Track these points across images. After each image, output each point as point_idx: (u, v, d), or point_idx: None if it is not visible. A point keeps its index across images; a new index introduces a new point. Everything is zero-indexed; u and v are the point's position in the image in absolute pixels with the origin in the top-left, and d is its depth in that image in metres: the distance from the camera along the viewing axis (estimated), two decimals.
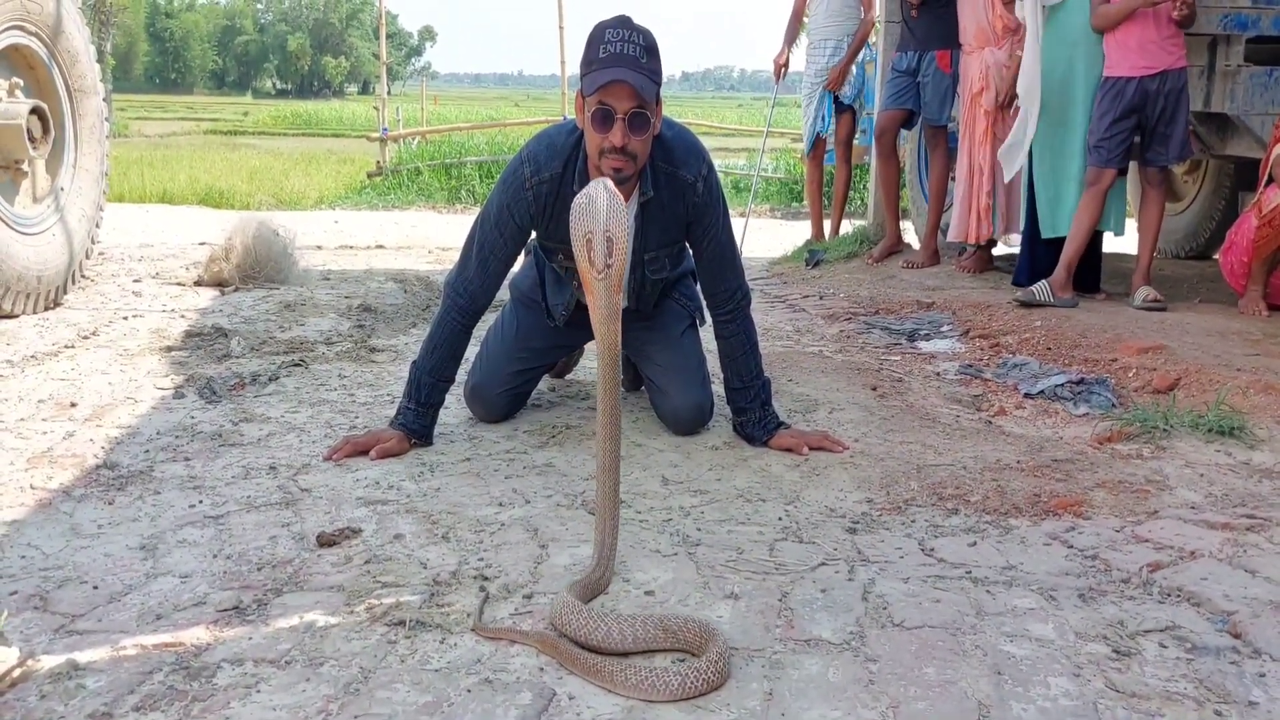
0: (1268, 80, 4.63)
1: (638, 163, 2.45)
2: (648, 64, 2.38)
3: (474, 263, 2.65)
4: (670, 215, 2.61)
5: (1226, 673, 1.60)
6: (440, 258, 6.39)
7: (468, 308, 2.66)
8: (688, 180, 2.57)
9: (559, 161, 2.53)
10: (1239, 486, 2.47)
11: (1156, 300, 4.38)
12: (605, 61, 2.36)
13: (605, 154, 2.40)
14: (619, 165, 2.41)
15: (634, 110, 2.37)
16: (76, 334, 3.75)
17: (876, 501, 2.35)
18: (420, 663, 1.60)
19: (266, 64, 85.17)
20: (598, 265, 1.91)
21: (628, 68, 2.34)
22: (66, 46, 4.36)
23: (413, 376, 2.66)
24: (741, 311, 2.74)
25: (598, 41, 2.39)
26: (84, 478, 2.37)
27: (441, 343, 2.66)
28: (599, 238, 1.90)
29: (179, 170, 12.44)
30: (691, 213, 2.61)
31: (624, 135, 2.38)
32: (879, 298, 4.82)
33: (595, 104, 2.37)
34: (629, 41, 2.37)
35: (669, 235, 2.66)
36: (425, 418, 2.67)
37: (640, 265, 2.70)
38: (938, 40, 5.28)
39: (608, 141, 2.38)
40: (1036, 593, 1.88)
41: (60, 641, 1.64)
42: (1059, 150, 4.57)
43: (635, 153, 2.42)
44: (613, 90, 2.35)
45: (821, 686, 1.55)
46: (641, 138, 2.41)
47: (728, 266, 2.71)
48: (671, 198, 2.58)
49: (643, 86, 2.35)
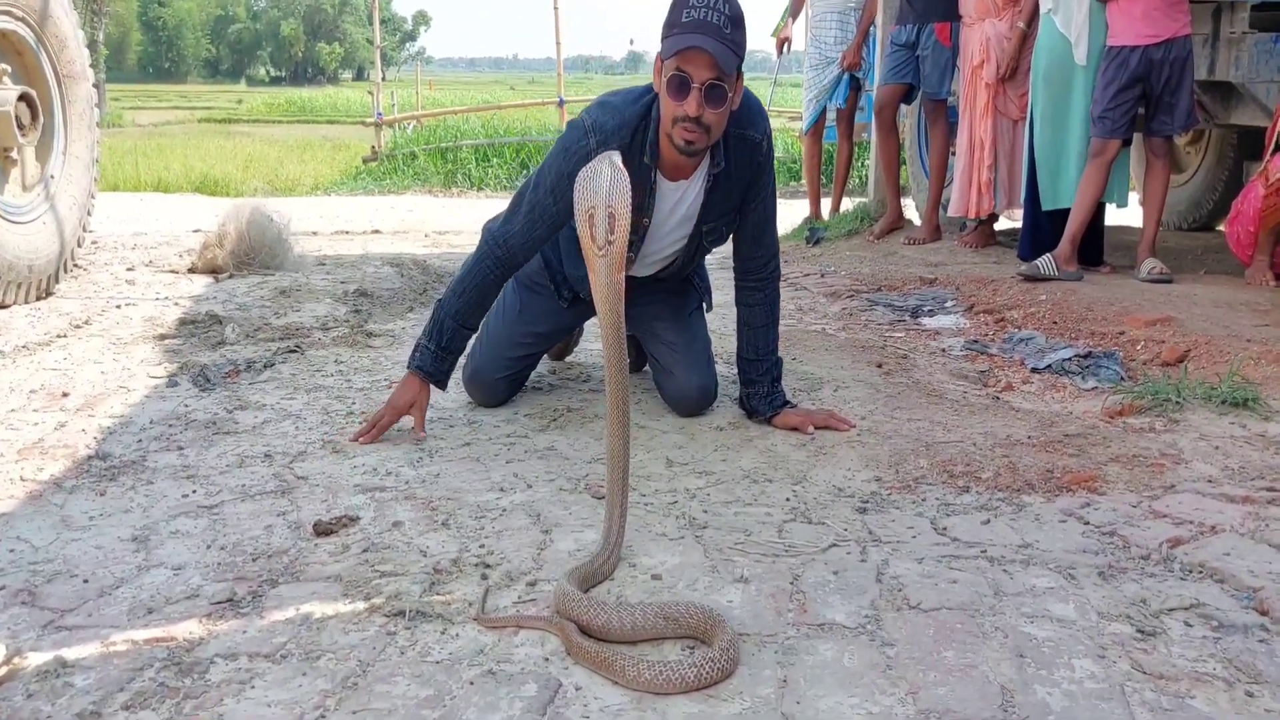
0: (1273, 47, 4.55)
1: (711, 136, 2.35)
2: (731, 35, 2.27)
3: (521, 219, 2.52)
4: (736, 182, 2.53)
5: (1256, 651, 1.55)
6: (437, 241, 6.32)
7: (504, 259, 2.55)
8: (755, 139, 2.50)
9: (627, 131, 2.41)
10: (1256, 459, 2.41)
11: (1163, 272, 4.32)
12: (688, 26, 2.25)
13: (679, 123, 2.31)
14: (691, 137, 2.32)
15: (711, 81, 2.26)
16: (69, 323, 3.69)
17: (886, 480, 2.29)
18: (421, 654, 1.55)
19: (260, 51, 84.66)
20: (599, 241, 1.85)
21: (710, 35, 2.23)
22: (54, 31, 4.27)
23: (435, 316, 2.58)
24: (771, 282, 2.68)
25: (682, 5, 2.28)
26: (75, 468, 2.31)
27: (471, 287, 2.56)
28: (600, 213, 1.84)
29: (173, 159, 12.35)
30: (753, 172, 2.54)
31: (699, 105, 2.28)
32: (881, 274, 4.76)
33: (673, 69, 2.28)
34: (714, 9, 2.25)
35: (730, 203, 2.57)
36: (444, 362, 2.58)
37: (699, 235, 2.63)
38: (937, 13, 5.20)
39: (682, 110, 2.29)
40: (1055, 571, 1.82)
41: (49, 638, 1.59)
42: (1060, 122, 4.50)
43: (709, 125, 2.32)
44: (691, 57, 2.25)
45: (837, 672, 1.50)
46: (717, 111, 2.31)
47: (769, 232, 2.65)
48: (740, 163, 2.50)
49: (724, 57, 2.24)
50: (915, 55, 5.34)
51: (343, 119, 24.96)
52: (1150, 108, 4.32)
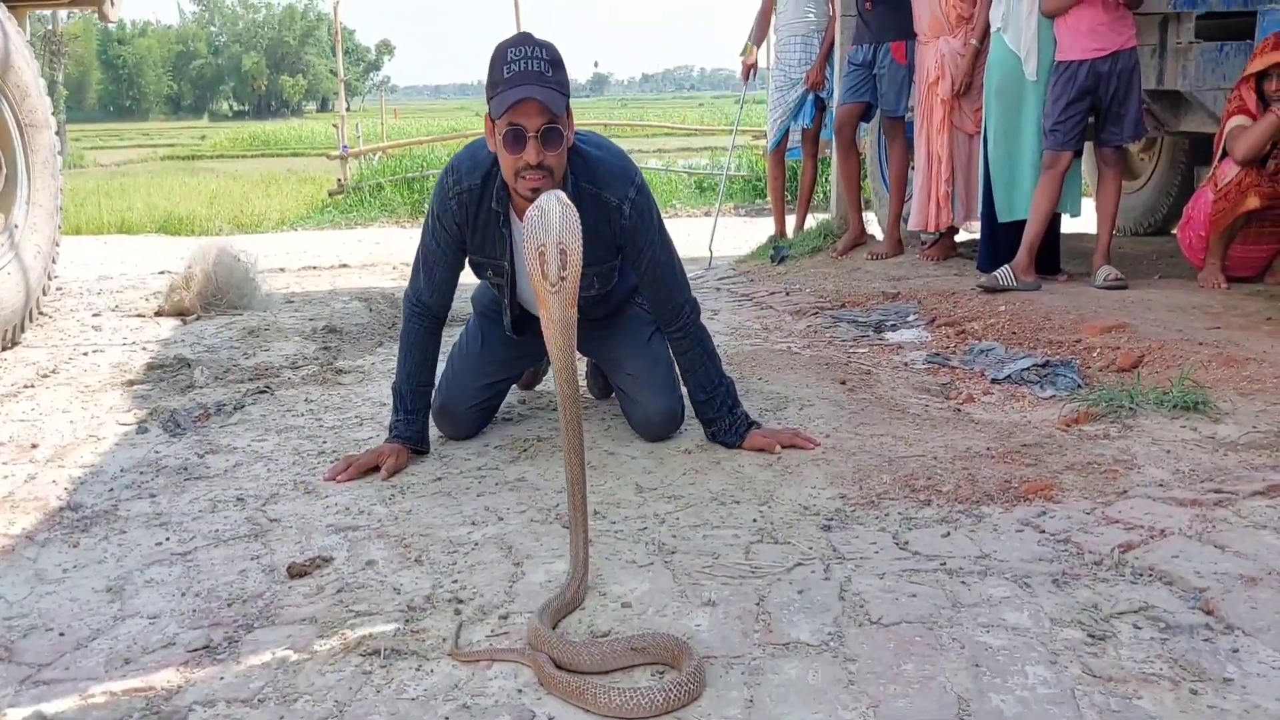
0: (1218, 56, 4.68)
1: (555, 177, 2.41)
2: (554, 77, 2.35)
3: (421, 273, 2.71)
4: (596, 235, 2.54)
5: (1201, 650, 1.61)
6: (405, 274, 6.31)
7: (423, 312, 2.71)
8: (612, 203, 2.54)
9: (479, 174, 2.53)
10: (1205, 461, 2.49)
11: (1117, 279, 4.42)
12: (511, 81, 2.32)
13: (521, 173, 2.38)
14: (536, 183, 2.37)
15: (545, 126, 2.33)
16: (36, 373, 3.70)
17: (850, 497, 2.35)
18: (396, 692, 1.58)
19: (222, 86, 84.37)
20: (551, 278, 1.90)
21: (534, 83, 2.31)
22: (15, 81, 4.29)
23: (395, 392, 2.72)
24: (692, 324, 2.72)
25: (500, 62, 2.35)
26: (47, 521, 2.33)
27: (411, 350, 2.71)
28: (552, 250, 1.89)
29: (136, 198, 12.29)
30: (620, 236, 2.58)
31: (538, 152, 2.34)
32: (845, 290, 4.83)
33: (505, 125, 2.34)
34: (531, 58, 2.33)
35: (595, 255, 2.58)
36: (416, 423, 2.71)
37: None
38: (892, 32, 5.30)
39: (522, 160, 2.36)
40: (1011, 581, 1.88)
41: (27, 693, 1.61)
42: (1013, 135, 4.61)
43: (551, 167, 2.39)
44: (522, 109, 2.32)
45: (801, 690, 1.55)
46: (556, 152, 2.38)
47: (670, 283, 2.68)
48: (597, 219, 2.52)
49: (551, 101, 2.32)
50: (872, 74, 5.44)
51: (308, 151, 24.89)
52: (1100, 119, 4.43)
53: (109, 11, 5.47)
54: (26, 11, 5.28)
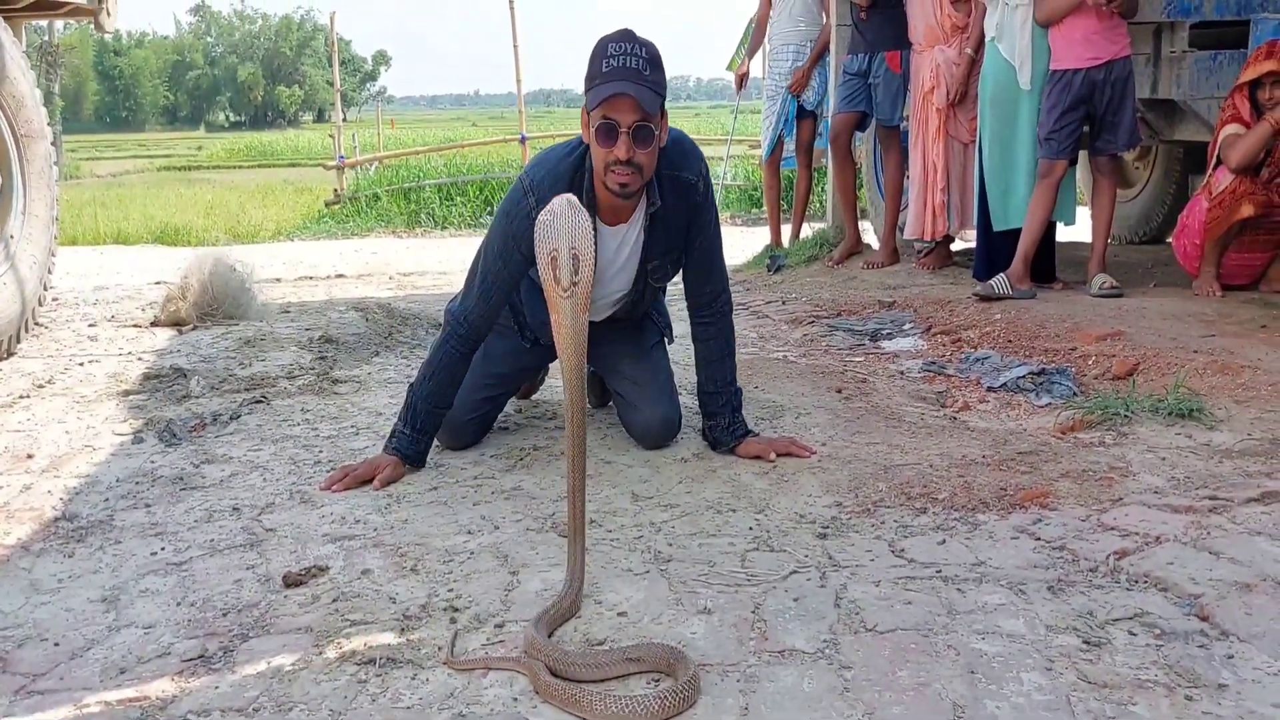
0: (1212, 65, 4.71)
1: (644, 175, 2.44)
2: (651, 76, 2.37)
3: (476, 293, 2.63)
4: (675, 221, 2.61)
5: (1196, 657, 1.61)
6: (402, 284, 6.35)
7: (468, 336, 2.65)
8: (690, 180, 2.58)
9: (562, 185, 2.49)
10: (1200, 468, 2.49)
11: (1113, 287, 4.43)
12: (608, 75, 2.35)
13: (611, 168, 2.40)
14: (625, 180, 2.40)
15: (638, 123, 2.36)
16: (31, 383, 3.69)
17: (845, 505, 2.35)
18: (392, 701, 1.58)
19: (219, 97, 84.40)
20: (563, 283, 1.90)
21: (630, 81, 2.33)
22: (11, 92, 4.29)
23: (409, 401, 2.67)
24: (724, 316, 2.75)
25: (600, 56, 2.38)
26: (42, 531, 2.32)
27: (440, 370, 2.65)
28: (564, 254, 1.90)
29: (133, 209, 12.28)
30: (692, 213, 2.61)
31: (629, 149, 2.37)
32: (841, 299, 4.84)
33: (599, 118, 2.37)
34: (631, 54, 2.36)
35: (673, 241, 2.65)
36: (420, 444, 2.68)
37: (644, 274, 2.70)
38: (887, 41, 5.32)
39: (613, 155, 2.38)
40: (1006, 588, 1.88)
41: (21, 703, 1.61)
42: (1008, 143, 4.62)
43: (641, 165, 2.41)
44: (616, 104, 2.34)
45: (797, 697, 1.55)
46: (647, 150, 2.40)
47: (715, 268, 2.72)
48: (676, 202, 2.58)
49: (646, 99, 2.34)
50: (868, 83, 5.46)
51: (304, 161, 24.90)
52: (1094, 128, 4.45)
53: (105, 22, 5.48)
54: (22, 22, 5.28)
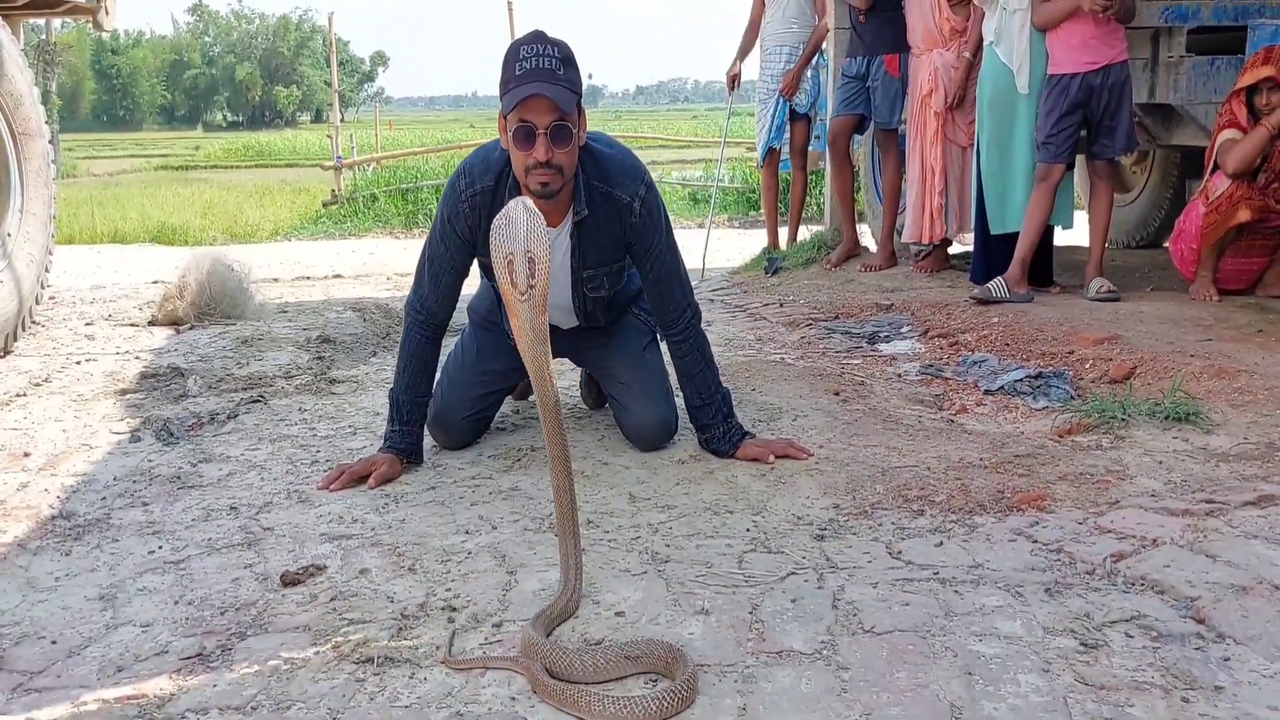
0: (1209, 70, 4.72)
1: (565, 175, 2.44)
2: (565, 75, 2.37)
3: (426, 279, 2.67)
4: (607, 235, 2.60)
5: (1192, 659, 1.62)
6: (399, 284, 6.35)
7: (427, 322, 2.68)
8: (623, 201, 2.56)
9: (491, 176, 2.53)
10: (1197, 472, 2.50)
11: (1110, 291, 4.44)
12: (522, 78, 2.35)
13: (531, 170, 2.40)
14: (546, 179, 2.40)
15: (555, 123, 2.36)
16: (28, 381, 3.69)
17: (843, 507, 2.35)
18: (390, 700, 1.58)
19: (217, 97, 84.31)
20: (520, 286, 1.90)
21: (544, 81, 2.34)
22: (9, 90, 4.29)
23: (392, 400, 2.70)
24: (693, 329, 2.74)
25: (513, 60, 2.38)
26: (39, 529, 2.32)
27: (410, 360, 2.68)
28: (520, 258, 1.89)
29: (130, 208, 12.26)
30: (630, 234, 2.61)
31: (547, 149, 2.37)
32: (838, 302, 4.84)
33: (516, 121, 2.37)
34: (544, 55, 2.36)
35: (606, 255, 2.65)
36: (412, 435, 2.69)
37: (579, 284, 2.70)
38: (886, 45, 5.33)
39: (532, 157, 2.38)
40: (1004, 590, 1.89)
41: (18, 700, 1.61)
42: (1005, 147, 4.62)
43: (561, 165, 2.41)
44: (531, 105, 2.34)
45: (794, 698, 1.55)
46: (565, 149, 2.40)
47: (675, 285, 2.70)
48: (607, 217, 2.57)
49: (561, 98, 2.34)
50: (866, 86, 5.47)
51: (302, 162, 24.87)
52: (1092, 132, 4.46)
53: (103, 21, 5.48)
54: (20, 20, 5.28)
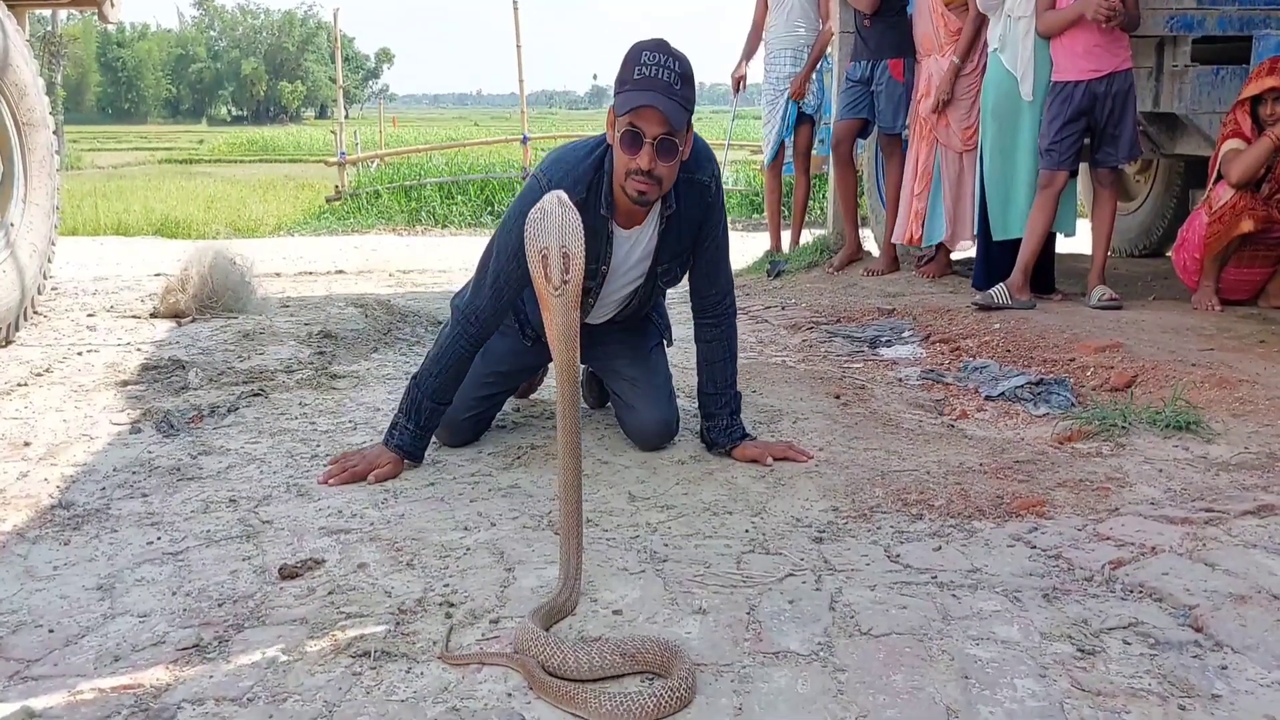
0: (1214, 79, 4.72)
1: (663, 187, 2.45)
2: (681, 91, 2.37)
3: (488, 291, 2.60)
4: (687, 224, 2.62)
5: (1189, 667, 1.62)
6: (401, 281, 6.36)
7: (477, 335, 2.63)
8: (704, 181, 2.60)
9: (582, 187, 2.49)
10: (1197, 480, 2.50)
11: (1112, 299, 4.44)
12: (639, 84, 2.35)
13: (631, 175, 2.41)
14: (644, 189, 2.41)
15: (663, 136, 2.36)
16: (29, 371, 3.69)
17: (842, 510, 2.35)
18: (386, 694, 1.58)
19: (221, 91, 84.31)
20: (554, 281, 1.90)
21: (660, 93, 2.33)
22: (14, 80, 4.29)
23: (413, 396, 2.63)
24: (728, 318, 2.76)
25: (633, 62, 2.38)
26: (38, 518, 2.32)
27: (448, 366, 2.62)
28: (555, 253, 1.90)
29: (134, 201, 12.29)
30: (703, 213, 2.63)
31: (651, 160, 2.37)
32: (840, 306, 4.85)
33: (625, 125, 2.37)
34: (664, 66, 2.35)
35: (683, 244, 2.66)
36: (422, 440, 2.67)
37: (654, 277, 2.71)
38: (890, 49, 5.34)
39: (635, 164, 2.39)
40: (1001, 595, 1.89)
41: (15, 688, 1.61)
42: (1009, 154, 4.63)
43: (661, 177, 2.42)
44: (643, 114, 2.35)
45: (791, 699, 1.55)
46: (669, 164, 2.41)
47: (722, 270, 2.73)
48: (691, 205, 2.59)
49: (673, 114, 2.34)
50: (870, 91, 5.48)
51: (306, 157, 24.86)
52: (1095, 140, 4.46)
53: (109, 13, 5.48)
54: (26, 11, 5.29)
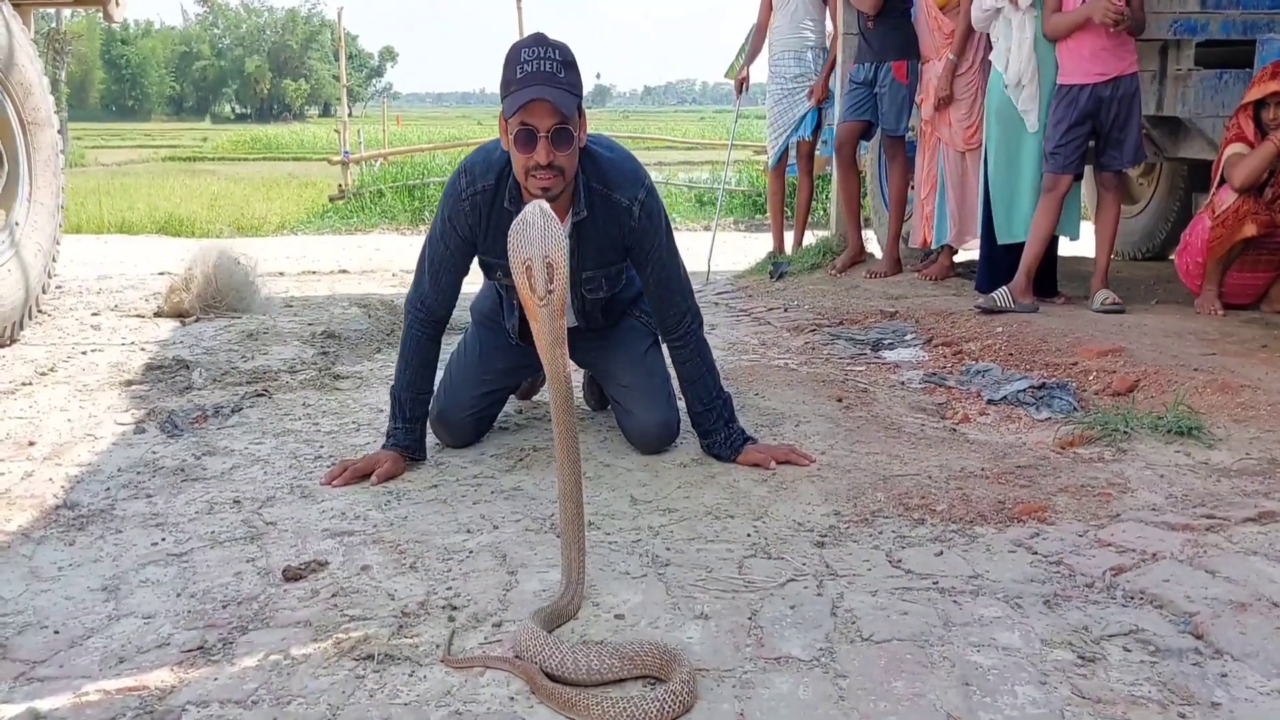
0: (1217, 83, 4.72)
1: (565, 177, 2.45)
2: (566, 78, 2.38)
3: (427, 278, 2.69)
4: (605, 237, 2.61)
5: (1189, 674, 1.62)
6: (405, 280, 6.36)
7: (427, 319, 2.70)
8: (622, 204, 2.57)
9: (493, 174, 2.54)
10: (1198, 486, 2.50)
11: (1115, 303, 4.44)
12: (523, 81, 2.36)
13: (532, 172, 2.41)
14: (547, 183, 2.41)
15: (556, 126, 2.37)
16: (34, 371, 3.70)
17: (844, 514, 2.36)
18: (389, 697, 1.59)
19: (225, 89, 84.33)
20: (539, 291, 1.91)
21: (545, 84, 2.35)
22: (19, 79, 4.30)
23: (394, 398, 2.71)
24: (693, 334, 2.74)
25: (514, 62, 2.39)
26: (43, 518, 2.33)
27: (411, 357, 2.70)
28: (538, 263, 1.90)
29: (137, 199, 12.30)
30: (629, 237, 2.61)
31: (548, 152, 2.38)
32: (843, 308, 4.85)
33: (517, 125, 2.38)
34: (544, 59, 2.37)
35: (605, 257, 2.66)
36: (414, 432, 2.70)
37: (578, 284, 2.71)
38: (893, 51, 5.34)
39: (533, 160, 2.39)
40: (1002, 601, 1.89)
41: (20, 689, 1.62)
42: (1013, 157, 4.63)
43: (562, 167, 2.42)
44: (533, 109, 2.36)
45: (792, 704, 1.56)
46: (566, 152, 2.41)
47: (675, 289, 2.71)
48: (606, 220, 2.58)
49: (562, 102, 2.35)
50: (873, 93, 5.48)
51: (309, 156, 24.88)
52: (1100, 143, 4.46)
53: (113, 11, 5.49)
54: (31, 9, 5.30)
